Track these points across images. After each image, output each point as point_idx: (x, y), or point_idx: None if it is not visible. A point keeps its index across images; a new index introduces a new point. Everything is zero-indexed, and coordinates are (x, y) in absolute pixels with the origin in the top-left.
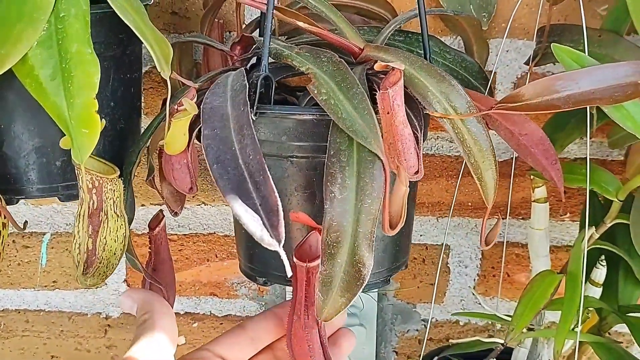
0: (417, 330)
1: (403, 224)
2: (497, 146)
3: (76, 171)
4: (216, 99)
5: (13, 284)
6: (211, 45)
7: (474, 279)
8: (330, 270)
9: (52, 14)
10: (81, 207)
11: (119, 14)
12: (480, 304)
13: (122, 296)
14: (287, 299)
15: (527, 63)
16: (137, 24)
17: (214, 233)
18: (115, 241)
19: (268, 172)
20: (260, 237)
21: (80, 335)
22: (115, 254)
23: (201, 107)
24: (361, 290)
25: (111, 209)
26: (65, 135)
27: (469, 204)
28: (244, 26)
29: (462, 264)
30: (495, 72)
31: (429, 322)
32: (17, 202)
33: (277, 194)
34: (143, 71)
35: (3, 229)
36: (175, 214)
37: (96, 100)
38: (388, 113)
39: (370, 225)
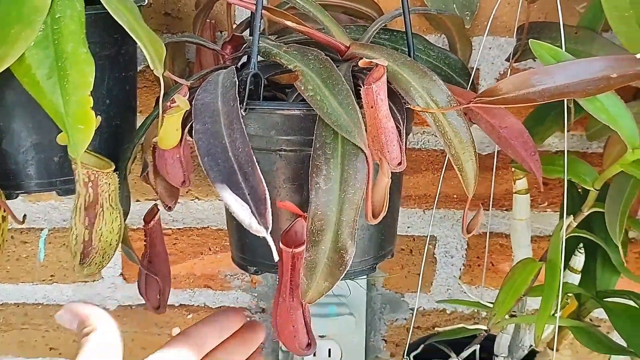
0: (405, 319)
1: (387, 214)
2: (481, 140)
3: (73, 165)
4: (207, 96)
5: (12, 279)
6: (203, 45)
7: (460, 269)
8: (314, 256)
9: (49, 15)
10: (78, 200)
11: (113, 15)
12: (465, 292)
13: (61, 310)
14: None
15: (508, 59)
16: (130, 24)
17: (207, 227)
18: (110, 232)
19: (256, 164)
20: (249, 224)
21: None
22: (110, 244)
23: (193, 103)
24: (343, 275)
25: (107, 202)
26: (62, 131)
27: (454, 196)
28: (234, 26)
29: (448, 254)
30: (478, 69)
31: (415, 311)
32: (16, 197)
33: (264, 184)
34: (137, 70)
35: (3, 222)
36: (169, 209)
37: (91, 97)
38: (372, 107)
39: (353, 215)
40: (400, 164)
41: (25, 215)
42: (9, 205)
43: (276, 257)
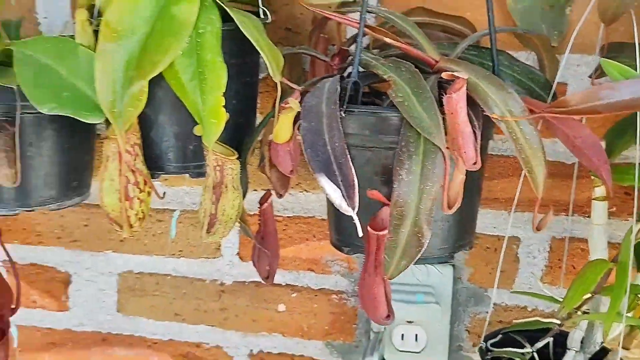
0: (487, 312)
1: (465, 208)
2: (565, 150)
3: (204, 153)
4: (314, 99)
5: (148, 252)
6: (316, 57)
7: (541, 270)
8: (395, 238)
9: (194, 30)
10: (207, 181)
11: (242, 31)
12: (545, 292)
13: None
14: None
15: (590, 76)
16: (256, 38)
17: (313, 217)
18: (232, 208)
19: (349, 156)
20: (340, 205)
21: (199, 298)
22: (231, 218)
23: (302, 105)
24: (419, 255)
25: (230, 183)
26: (198, 124)
27: None
28: (344, 40)
29: (530, 255)
30: (566, 84)
31: (491, 304)
32: (158, 177)
33: (354, 173)
34: (259, 77)
35: (148, 196)
36: (280, 196)
37: (223, 97)
38: (452, 113)
39: (430, 204)
40: (475, 163)
41: (165, 193)
42: (153, 183)
43: (360, 233)
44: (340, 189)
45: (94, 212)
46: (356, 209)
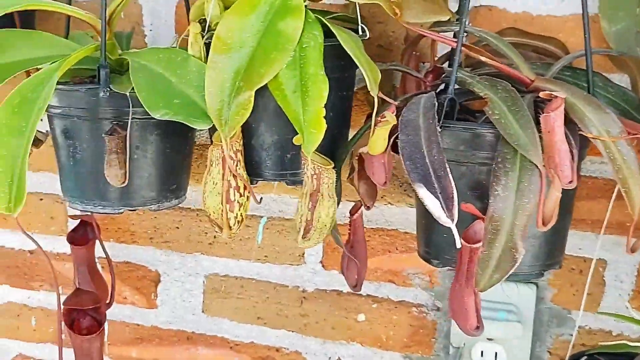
0: (570, 334)
1: (557, 228)
2: None
3: (302, 161)
4: (411, 114)
5: (234, 255)
6: (408, 73)
7: (629, 294)
8: (489, 252)
9: (298, 44)
10: (304, 188)
11: (344, 46)
12: (633, 317)
13: None
14: None
15: None
16: (356, 53)
17: (396, 229)
18: (327, 216)
19: (448, 169)
20: (439, 216)
21: (281, 303)
22: (325, 225)
23: (399, 119)
24: (512, 270)
25: (326, 192)
26: (297, 134)
27: (627, 224)
28: (436, 58)
29: (617, 278)
30: None
31: (576, 327)
32: (256, 183)
33: (453, 186)
34: (354, 91)
35: (247, 201)
36: (368, 208)
37: (324, 109)
38: (549, 132)
39: (525, 220)
40: (571, 182)
41: (261, 198)
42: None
43: (459, 244)
44: (439, 200)
45: (185, 215)
46: (455, 221)
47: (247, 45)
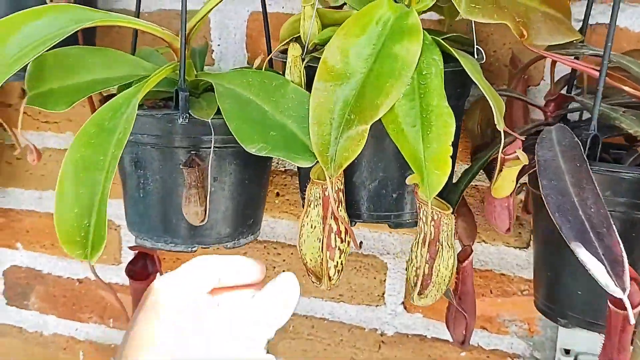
0: None
1: None
2: None
3: (420, 205)
4: (546, 153)
5: (305, 292)
6: (519, 99)
7: None
8: None
9: (416, 70)
10: (420, 236)
11: (467, 72)
12: None
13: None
14: (555, 343)
15: None
16: (479, 80)
17: (491, 270)
18: (446, 269)
19: (613, 225)
20: (605, 284)
21: (356, 347)
22: (444, 280)
23: (536, 159)
24: None
25: (445, 240)
26: (407, 171)
27: None
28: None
29: None
30: None
31: None
32: (354, 225)
33: (621, 246)
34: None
35: (348, 247)
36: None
37: (451, 147)
38: None
39: None
40: None
41: (361, 242)
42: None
43: (632, 320)
44: (603, 263)
45: (251, 247)
46: (627, 291)
47: (357, 71)
